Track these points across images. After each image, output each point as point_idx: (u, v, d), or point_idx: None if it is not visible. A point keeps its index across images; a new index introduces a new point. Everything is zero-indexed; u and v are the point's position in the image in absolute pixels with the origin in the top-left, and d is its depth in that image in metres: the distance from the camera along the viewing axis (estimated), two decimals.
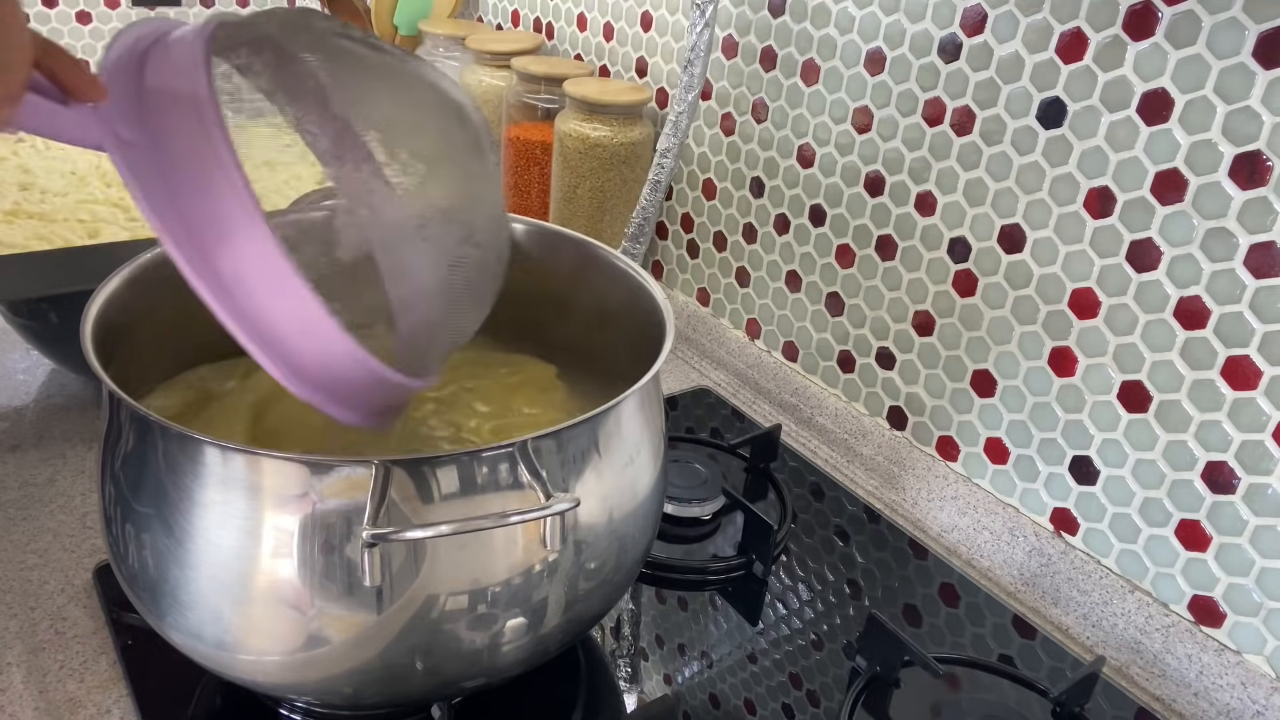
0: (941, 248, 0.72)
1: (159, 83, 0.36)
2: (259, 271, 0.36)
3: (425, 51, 1.16)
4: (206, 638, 0.44)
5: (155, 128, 0.36)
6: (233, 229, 0.35)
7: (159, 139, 0.36)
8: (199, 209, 0.35)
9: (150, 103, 0.36)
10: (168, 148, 0.36)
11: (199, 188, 0.35)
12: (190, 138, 0.36)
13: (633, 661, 0.59)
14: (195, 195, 0.35)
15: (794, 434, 0.84)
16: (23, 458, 0.71)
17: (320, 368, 0.38)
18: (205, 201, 0.35)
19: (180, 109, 0.36)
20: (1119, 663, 0.63)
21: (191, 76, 0.36)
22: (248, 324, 0.37)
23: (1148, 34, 0.57)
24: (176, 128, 0.36)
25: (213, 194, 0.35)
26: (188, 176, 0.35)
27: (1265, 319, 0.55)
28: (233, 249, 0.36)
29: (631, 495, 0.49)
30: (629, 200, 0.93)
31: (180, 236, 0.35)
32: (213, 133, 0.35)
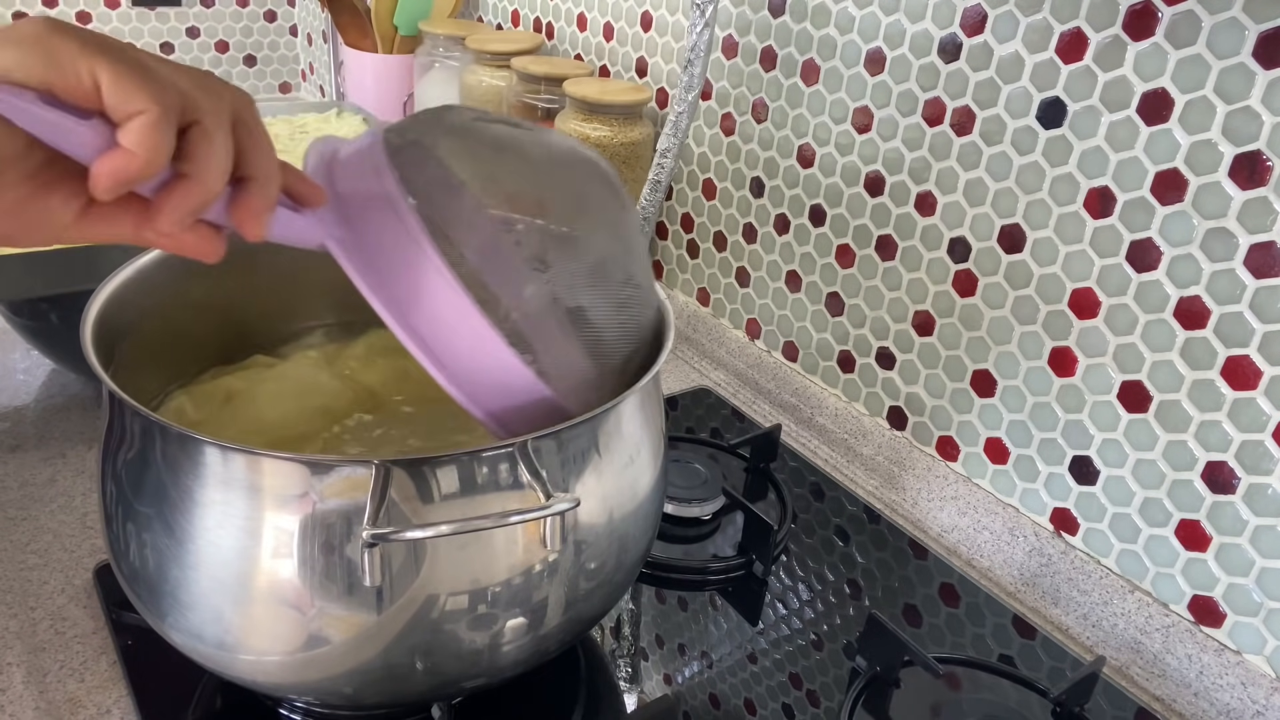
0: (941, 248, 0.72)
1: (350, 187, 0.42)
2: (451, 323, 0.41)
3: (425, 51, 1.16)
4: (207, 638, 0.44)
5: (360, 226, 0.42)
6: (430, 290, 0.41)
7: (365, 234, 0.41)
8: (405, 283, 0.41)
9: (348, 206, 0.42)
10: (374, 240, 0.41)
11: (404, 265, 0.41)
12: (393, 233, 0.41)
13: (633, 661, 0.59)
14: (401, 272, 0.41)
15: (794, 434, 0.84)
16: (23, 458, 0.71)
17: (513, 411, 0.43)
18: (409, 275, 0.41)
19: (375, 206, 0.42)
20: (1119, 663, 0.63)
21: (379, 178, 0.42)
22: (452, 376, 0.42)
23: (1148, 34, 0.57)
24: (378, 225, 0.41)
25: (415, 267, 0.41)
26: (396, 259, 0.41)
27: (1265, 319, 0.55)
28: (431, 307, 0.41)
29: (631, 495, 0.49)
30: None
31: (394, 309, 0.41)
32: (406, 219, 0.41)
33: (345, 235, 0.41)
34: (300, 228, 0.40)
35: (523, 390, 0.42)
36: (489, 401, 0.42)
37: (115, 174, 0.32)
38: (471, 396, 0.42)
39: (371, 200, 0.42)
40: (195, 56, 1.61)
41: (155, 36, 1.57)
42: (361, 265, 0.41)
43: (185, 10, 1.58)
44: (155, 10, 1.56)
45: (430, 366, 0.41)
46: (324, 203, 0.41)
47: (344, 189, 0.42)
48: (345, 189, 0.42)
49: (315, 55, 1.65)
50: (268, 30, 1.66)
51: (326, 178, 0.43)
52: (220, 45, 1.63)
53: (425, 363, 0.41)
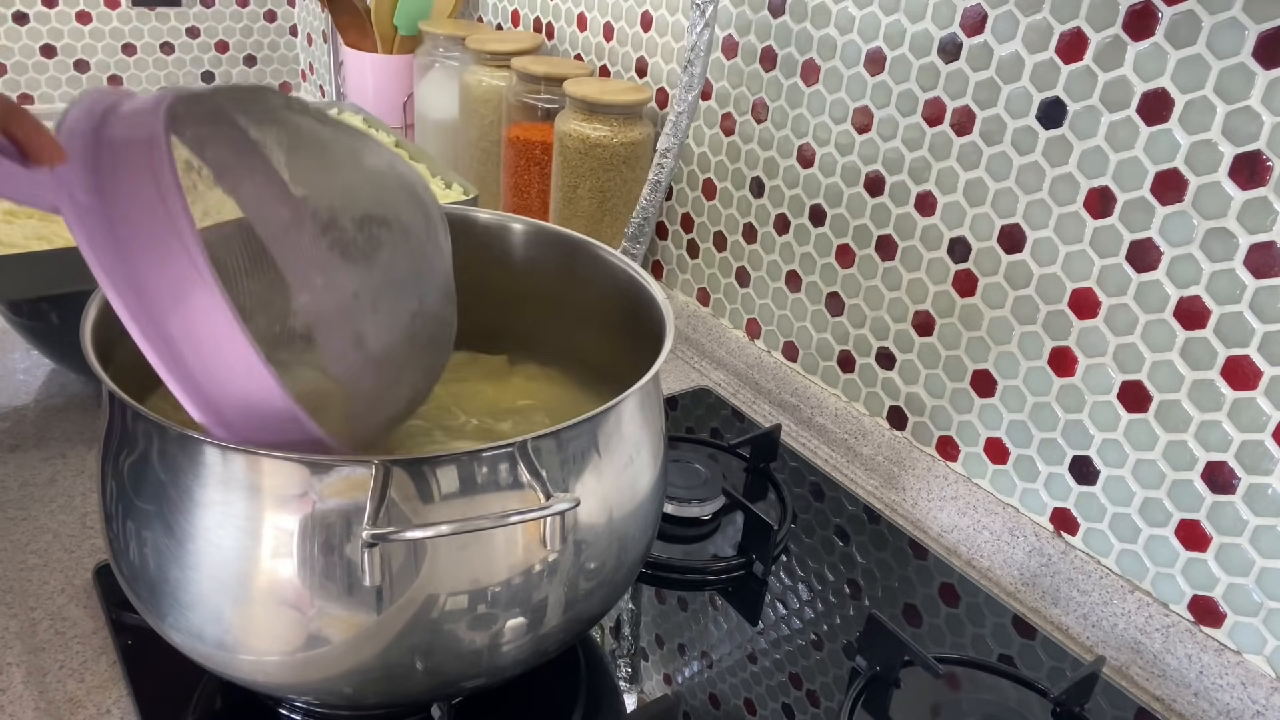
0: (941, 248, 0.72)
1: (115, 147, 0.37)
2: (211, 338, 0.36)
3: (425, 51, 1.16)
4: (207, 638, 0.44)
5: (111, 192, 0.36)
6: (187, 294, 0.36)
7: (115, 203, 0.36)
8: (153, 273, 0.36)
9: (106, 167, 0.37)
10: (123, 212, 0.36)
11: (154, 253, 0.36)
12: (147, 202, 0.36)
13: (633, 661, 0.59)
14: (150, 260, 0.36)
15: (794, 434, 0.84)
16: (23, 458, 0.71)
17: (262, 433, 0.39)
18: (160, 266, 0.36)
19: (137, 174, 0.36)
20: (1119, 663, 0.63)
21: (149, 141, 0.36)
22: (193, 388, 0.37)
23: (1148, 34, 0.57)
24: (133, 192, 0.36)
25: (168, 259, 0.36)
26: (142, 241, 0.36)
27: (1265, 319, 0.55)
28: (185, 314, 0.36)
29: (631, 495, 0.49)
30: (629, 200, 0.93)
31: (131, 301, 0.36)
32: (169, 198, 0.36)
33: (90, 201, 0.36)
34: (27, 185, 0.35)
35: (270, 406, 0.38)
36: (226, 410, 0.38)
37: None
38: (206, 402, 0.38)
39: (132, 161, 0.37)
40: (195, 56, 1.61)
41: (155, 36, 1.57)
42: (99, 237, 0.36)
43: (185, 10, 1.58)
44: (155, 10, 1.56)
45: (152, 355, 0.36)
46: (60, 161, 0.36)
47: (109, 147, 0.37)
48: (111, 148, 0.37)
49: (315, 55, 1.65)
50: (268, 30, 1.66)
51: (92, 129, 0.38)
52: (220, 45, 1.63)
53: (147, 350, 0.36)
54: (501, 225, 0.62)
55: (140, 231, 0.36)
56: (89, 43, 1.53)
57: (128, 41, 1.55)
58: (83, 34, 1.52)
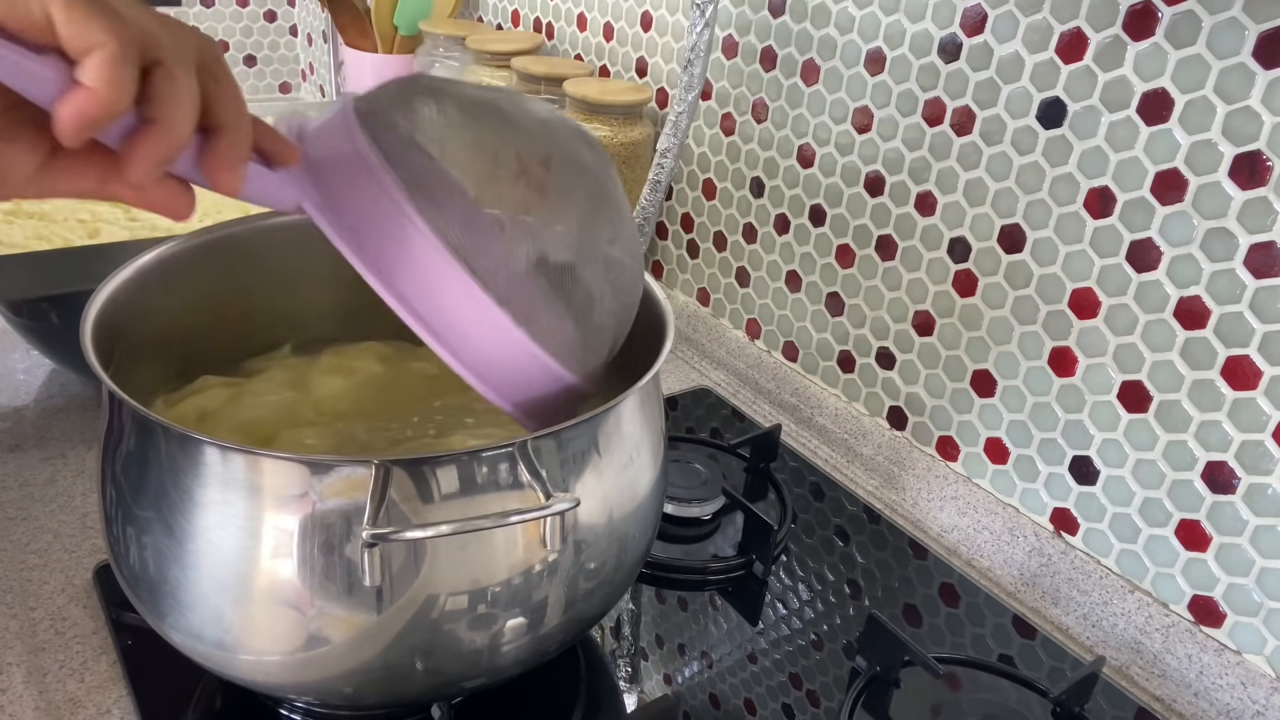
0: (941, 248, 0.72)
1: (321, 157, 0.40)
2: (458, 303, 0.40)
3: (425, 51, 1.16)
4: (207, 638, 0.44)
5: (336, 192, 0.40)
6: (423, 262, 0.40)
7: (342, 201, 0.40)
8: (393, 252, 0.40)
9: (321, 173, 0.40)
10: (353, 207, 0.40)
11: (391, 236, 0.40)
12: (370, 195, 0.40)
13: (633, 661, 0.59)
14: (387, 241, 0.40)
15: (794, 434, 0.84)
16: (23, 458, 0.71)
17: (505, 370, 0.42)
18: (400, 248, 0.40)
19: (350, 170, 0.40)
20: (1119, 663, 0.63)
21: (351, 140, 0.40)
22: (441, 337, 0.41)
23: (1148, 34, 0.57)
24: (354, 188, 0.40)
25: (404, 240, 0.39)
26: (377, 228, 0.40)
27: (1265, 319, 0.55)
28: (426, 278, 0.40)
29: (631, 495, 0.49)
30: (629, 200, 0.93)
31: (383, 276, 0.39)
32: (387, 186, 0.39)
33: (322, 200, 0.40)
34: (275, 187, 0.39)
35: (511, 348, 0.41)
36: (477, 360, 0.41)
37: (78, 112, 0.30)
38: (459, 356, 0.41)
39: (346, 165, 0.40)
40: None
41: None
42: (342, 229, 0.39)
43: (185, 10, 1.58)
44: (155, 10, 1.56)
45: (420, 329, 0.40)
46: (298, 160, 0.39)
47: (316, 157, 0.41)
48: (317, 157, 0.41)
49: (315, 55, 1.65)
50: (268, 30, 1.66)
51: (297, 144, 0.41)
52: (220, 45, 1.62)
53: (415, 325, 0.40)
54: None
55: (374, 220, 0.40)
56: None
57: None
58: None
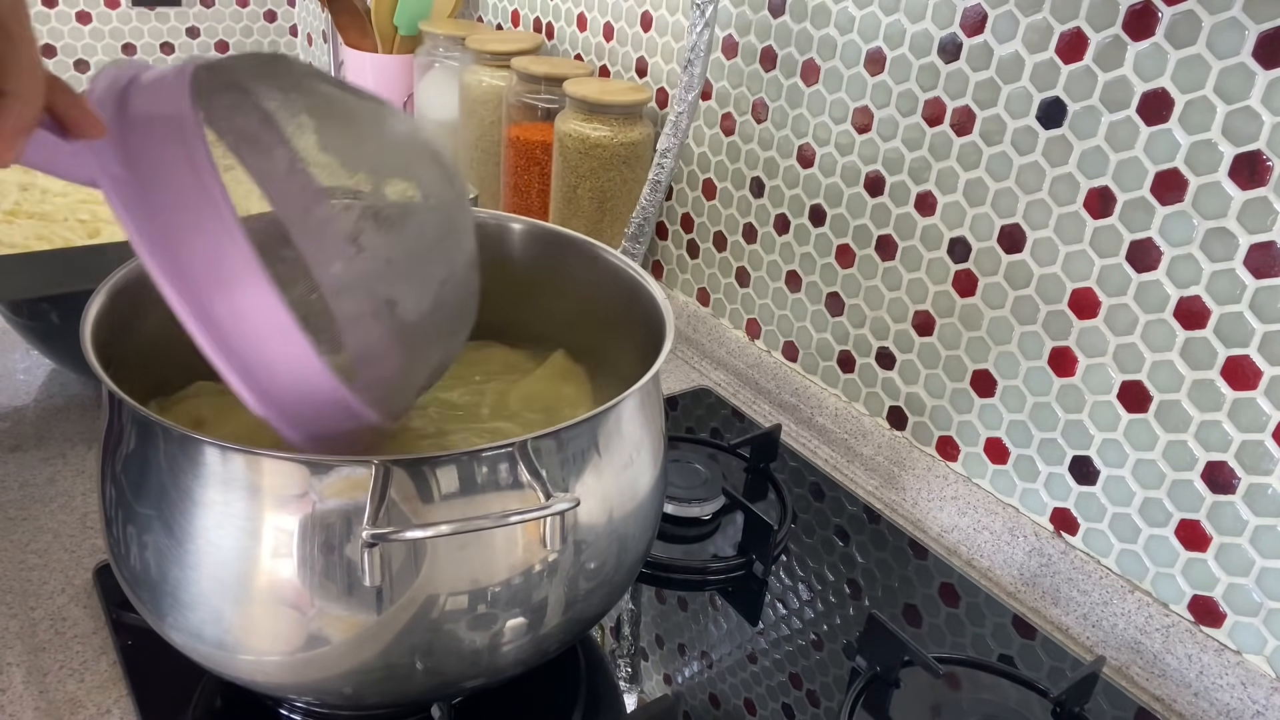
0: (941, 248, 0.72)
1: (143, 118, 0.37)
2: (254, 315, 0.36)
3: (425, 51, 1.16)
4: (207, 638, 0.44)
5: (143, 164, 0.36)
6: (226, 267, 0.36)
7: (147, 175, 0.36)
8: (191, 246, 0.36)
9: (135, 140, 0.36)
10: (157, 183, 0.36)
11: (190, 223, 0.36)
12: (178, 174, 0.36)
13: (633, 661, 0.59)
14: (187, 231, 0.36)
15: (794, 434, 0.84)
16: (23, 458, 0.71)
17: (301, 404, 0.39)
18: (197, 237, 0.36)
19: (169, 150, 0.36)
20: (1119, 663, 0.63)
21: (179, 118, 0.36)
22: (236, 362, 0.37)
23: (1148, 34, 0.57)
24: (167, 168, 0.36)
25: (204, 230, 0.36)
26: (178, 212, 0.36)
27: (1265, 319, 0.55)
28: (229, 291, 0.36)
29: (631, 495, 0.49)
30: (629, 200, 0.93)
31: (172, 273, 0.36)
32: (204, 175, 0.36)
33: (125, 175, 0.36)
34: (66, 158, 0.36)
35: (312, 381, 0.38)
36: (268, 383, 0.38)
37: None
38: (249, 379, 0.37)
39: (163, 140, 0.36)
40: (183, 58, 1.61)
41: (155, 36, 1.57)
42: (139, 213, 0.35)
43: (185, 10, 1.58)
44: (155, 10, 1.56)
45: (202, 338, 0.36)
46: (99, 135, 0.36)
47: (136, 119, 0.37)
48: (138, 119, 0.37)
49: (315, 55, 1.65)
50: (268, 30, 1.66)
51: (116, 104, 0.37)
52: (220, 45, 1.63)
53: (196, 333, 0.36)
54: (501, 225, 0.62)
55: (178, 207, 0.36)
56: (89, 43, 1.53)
57: (128, 41, 1.55)
58: (83, 34, 1.52)
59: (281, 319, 0.36)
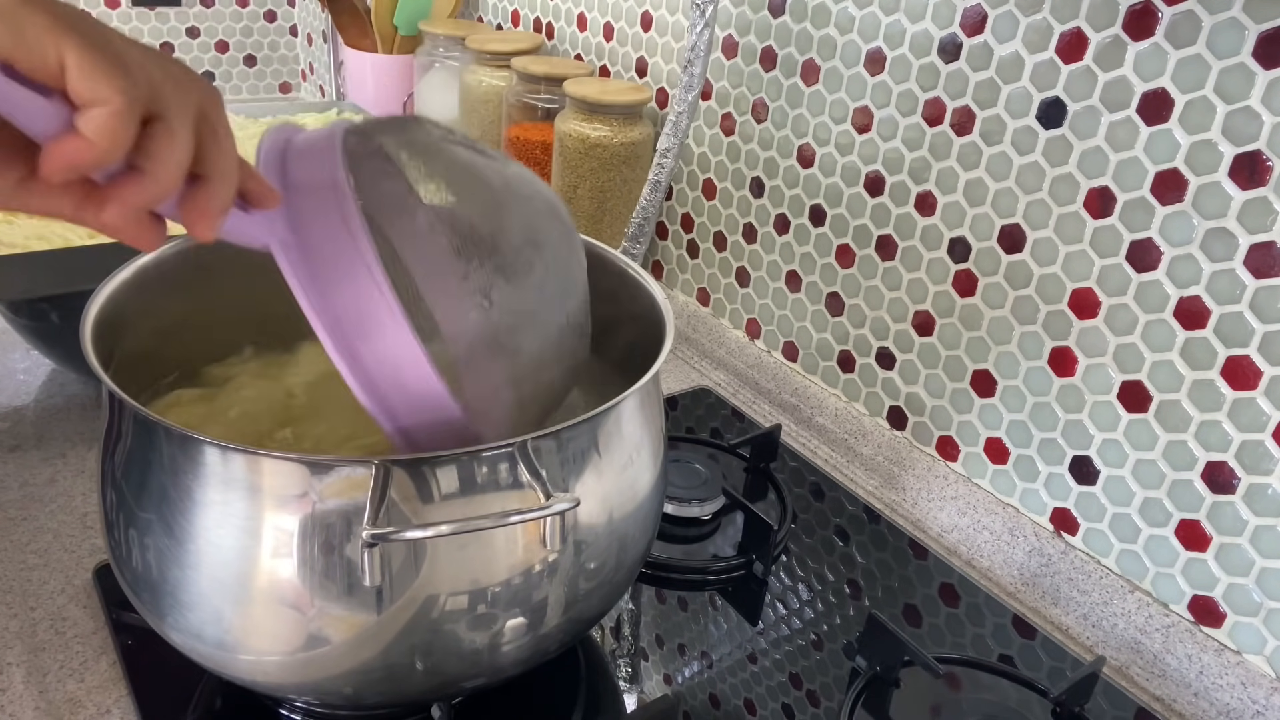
0: (941, 248, 0.72)
1: (302, 185, 0.41)
2: (399, 364, 0.40)
3: (425, 51, 1.16)
4: (207, 638, 0.44)
5: (305, 227, 0.40)
6: (373, 316, 0.39)
7: (309, 236, 0.40)
8: (349, 304, 0.39)
9: (296, 204, 0.40)
10: (318, 243, 0.40)
11: (348, 285, 0.39)
12: (336, 235, 0.40)
13: (633, 661, 0.59)
14: (345, 291, 0.39)
15: (794, 434, 0.84)
16: (23, 458, 0.71)
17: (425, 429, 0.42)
18: (354, 297, 0.39)
19: (325, 208, 0.40)
20: (1119, 663, 0.63)
21: (333, 184, 0.40)
22: (385, 409, 0.40)
23: (1148, 34, 0.57)
24: (323, 225, 0.40)
25: (360, 291, 0.39)
26: (336, 268, 0.39)
27: (1265, 319, 0.55)
28: (377, 342, 0.40)
29: (631, 495, 0.49)
30: (629, 200, 0.93)
31: (330, 323, 0.39)
32: (354, 230, 0.39)
33: (290, 238, 0.40)
34: (249, 228, 0.39)
35: (442, 417, 0.41)
36: (404, 419, 0.41)
37: (68, 160, 0.30)
38: (389, 414, 0.41)
39: (320, 204, 0.40)
40: (195, 56, 1.61)
41: (155, 36, 1.57)
42: (302, 272, 0.39)
43: (185, 10, 1.58)
44: (155, 10, 1.56)
45: (354, 383, 0.40)
46: (276, 205, 0.39)
47: (294, 183, 0.41)
48: (296, 183, 0.41)
49: (315, 55, 1.65)
50: (268, 30, 1.66)
51: (279, 169, 0.41)
52: (220, 45, 1.63)
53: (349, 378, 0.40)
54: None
55: (335, 264, 0.39)
56: None
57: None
58: None
59: (417, 357, 0.40)
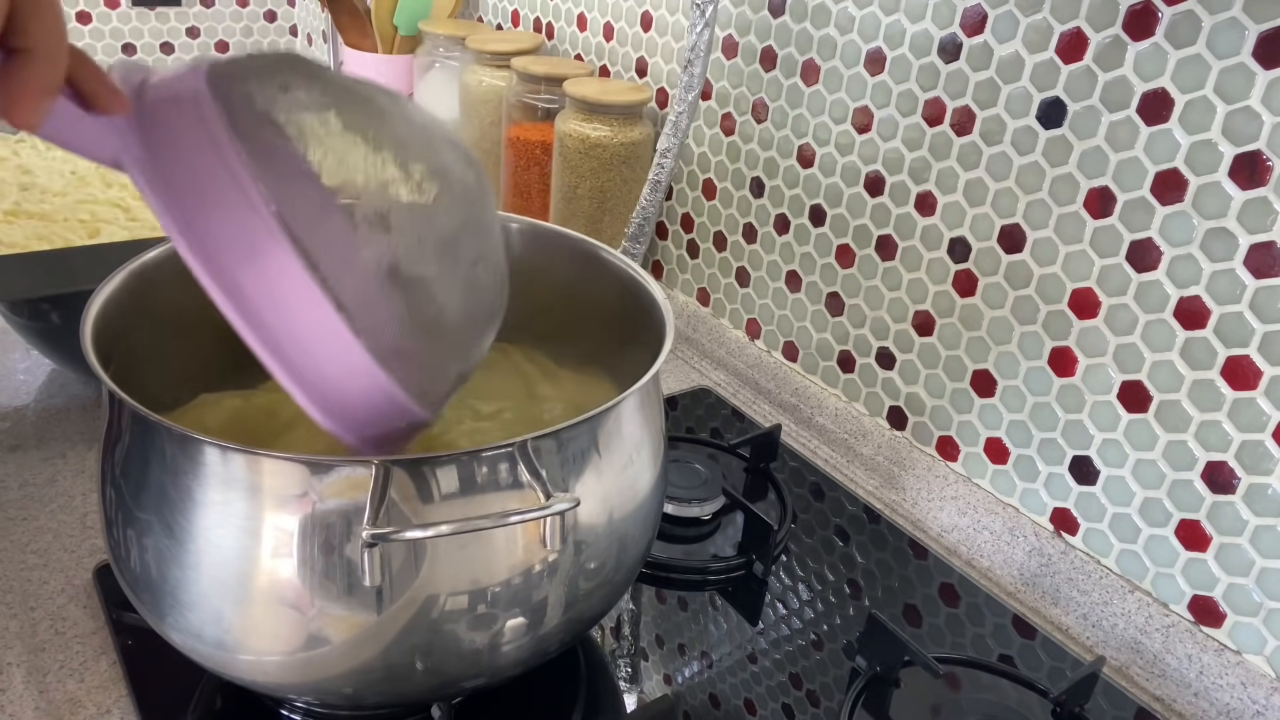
0: (941, 248, 0.72)
1: (161, 101, 0.36)
2: (286, 291, 0.36)
3: (425, 51, 1.16)
4: (207, 638, 0.44)
5: (164, 144, 0.36)
6: (250, 239, 0.35)
7: (169, 155, 0.36)
8: (220, 226, 0.35)
9: (155, 122, 0.36)
10: (179, 162, 0.36)
11: (217, 205, 0.35)
12: (200, 151, 0.35)
13: (633, 661, 0.59)
14: (214, 213, 0.35)
15: (794, 434, 0.84)
16: (23, 458, 0.71)
17: (340, 391, 0.38)
18: (224, 219, 0.35)
19: (185, 123, 0.36)
20: (1119, 663, 0.63)
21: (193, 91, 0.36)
22: (273, 345, 0.37)
23: (1148, 34, 0.57)
24: (184, 142, 0.36)
25: (232, 210, 0.35)
26: (202, 192, 0.35)
27: (1265, 319, 0.55)
28: (257, 266, 0.36)
29: (631, 495, 0.49)
30: (629, 200, 0.93)
31: (203, 253, 0.35)
32: (224, 150, 0.35)
33: (147, 156, 0.35)
34: (89, 133, 0.35)
35: (344, 358, 0.37)
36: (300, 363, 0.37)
37: None
38: (278, 353, 0.37)
39: (182, 118, 0.36)
40: (195, 56, 1.61)
41: (155, 36, 1.57)
42: (163, 193, 0.35)
43: (185, 10, 1.58)
44: (155, 10, 1.56)
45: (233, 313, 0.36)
46: (124, 110, 0.35)
47: (153, 102, 0.37)
48: (155, 102, 0.36)
49: (315, 55, 1.65)
50: (268, 30, 1.66)
51: (134, 92, 0.37)
52: (220, 45, 1.63)
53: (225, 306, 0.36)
54: (501, 225, 0.62)
55: (202, 184, 0.35)
56: (89, 43, 1.53)
57: (128, 41, 1.55)
58: (83, 34, 1.52)
59: (307, 285, 0.36)
